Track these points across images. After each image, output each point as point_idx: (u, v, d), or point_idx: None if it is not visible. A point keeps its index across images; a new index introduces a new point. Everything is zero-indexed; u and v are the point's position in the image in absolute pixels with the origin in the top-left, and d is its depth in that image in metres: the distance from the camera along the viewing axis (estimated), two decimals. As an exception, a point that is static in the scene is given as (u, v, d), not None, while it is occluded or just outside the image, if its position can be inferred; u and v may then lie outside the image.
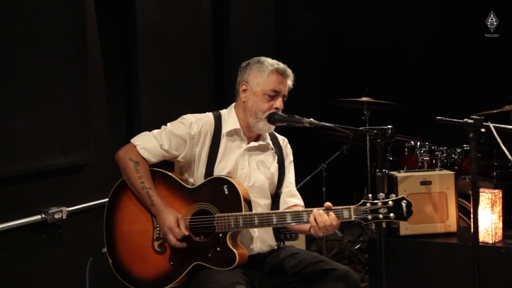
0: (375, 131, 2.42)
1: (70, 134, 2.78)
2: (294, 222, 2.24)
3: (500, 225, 2.98)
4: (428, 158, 3.90)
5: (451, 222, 3.12)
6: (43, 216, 2.62)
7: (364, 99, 4.25)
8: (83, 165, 2.93)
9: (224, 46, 4.16)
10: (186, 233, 2.27)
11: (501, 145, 2.05)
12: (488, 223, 2.92)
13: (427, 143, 4.03)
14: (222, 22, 4.14)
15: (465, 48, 5.47)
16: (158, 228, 2.35)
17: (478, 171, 3.94)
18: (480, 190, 3.04)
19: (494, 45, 5.25)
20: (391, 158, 4.22)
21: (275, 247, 2.53)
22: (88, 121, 2.91)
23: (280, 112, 2.39)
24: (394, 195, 2.16)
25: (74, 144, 2.81)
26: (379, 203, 2.14)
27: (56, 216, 2.68)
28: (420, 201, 3.05)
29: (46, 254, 2.70)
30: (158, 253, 2.34)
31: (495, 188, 3.86)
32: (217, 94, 4.12)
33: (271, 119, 2.37)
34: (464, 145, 4.02)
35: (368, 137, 4.24)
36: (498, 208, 2.95)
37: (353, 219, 2.16)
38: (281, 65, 2.44)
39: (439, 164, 3.86)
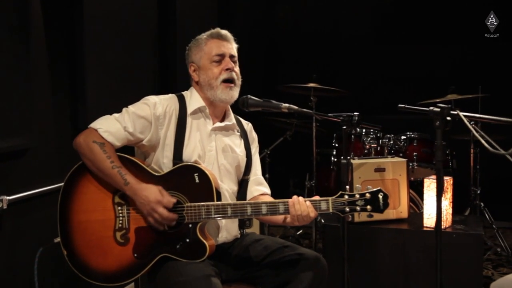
0: (341, 118, 2.42)
1: (11, 116, 2.55)
2: (270, 213, 2.18)
3: (451, 211, 3.10)
4: (375, 145, 3.98)
5: (402, 208, 3.20)
6: (-19, 206, 2.40)
7: (311, 85, 4.27)
8: (25, 150, 2.70)
9: (170, 26, 4.02)
10: (174, 200, 2.16)
11: (474, 132, 2.09)
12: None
13: (371, 130, 4.12)
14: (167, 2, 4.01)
15: (408, 39, 5.67)
16: (120, 217, 2.22)
17: (421, 159, 4.11)
18: (432, 177, 3.15)
19: (442, 38, 5.50)
20: (336, 145, 4.29)
21: (239, 236, 2.48)
22: (31, 102, 2.69)
23: (251, 97, 2.32)
24: (371, 187, 2.16)
25: (15, 127, 2.58)
26: (357, 195, 2.14)
27: (-4, 206, 2.47)
28: (373, 187, 3.10)
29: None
30: (120, 244, 2.21)
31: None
32: (162, 76, 3.99)
33: (244, 103, 2.30)
34: (408, 133, 4.15)
35: (314, 124, 4.28)
36: (449, 194, 3.06)
37: (331, 211, 2.15)
38: (214, 30, 2.43)
39: (386, 151, 3.96)
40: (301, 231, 4.85)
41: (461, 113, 2.20)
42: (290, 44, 5.93)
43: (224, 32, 2.42)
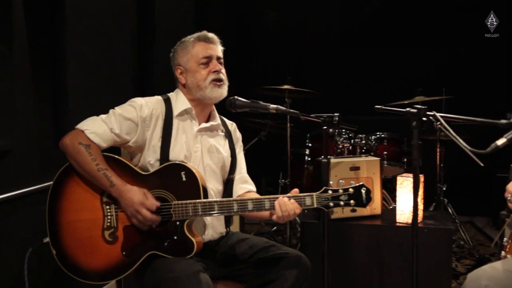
0: (322, 118, 2.42)
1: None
2: (255, 210, 2.17)
3: (422, 207, 3.14)
4: (348, 145, 4.02)
5: (376, 205, 3.23)
6: (-37, 209, 2.32)
7: (286, 87, 4.27)
8: (7, 152, 2.62)
9: (148, 31, 3.98)
10: (158, 203, 2.13)
11: (451, 132, 2.12)
12: (412, 205, 3.06)
13: (343, 130, 4.15)
14: (146, 6, 3.96)
15: (377, 43, 5.75)
16: (109, 216, 2.18)
17: (391, 157, 4.16)
18: (404, 175, 3.20)
19: (410, 42, 5.60)
20: (310, 145, 4.30)
21: (224, 234, 2.46)
22: (13, 104, 2.61)
23: (239, 97, 2.31)
24: (354, 182, 2.18)
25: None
26: (340, 191, 2.15)
27: (-21, 208, 2.39)
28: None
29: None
30: (109, 242, 2.17)
31: (404, 172, 4.09)
32: (141, 78, 3.93)
33: (231, 104, 2.28)
34: (378, 133, 4.20)
35: (288, 124, 4.29)
36: (421, 191, 3.10)
37: (315, 206, 2.15)
38: (201, 33, 2.40)
39: (358, 150, 4.00)
40: (275, 228, 4.87)
41: (437, 114, 2.23)
42: (265, 48, 5.96)
43: (211, 35, 2.39)
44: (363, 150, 4.10)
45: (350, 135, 4.10)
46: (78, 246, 2.17)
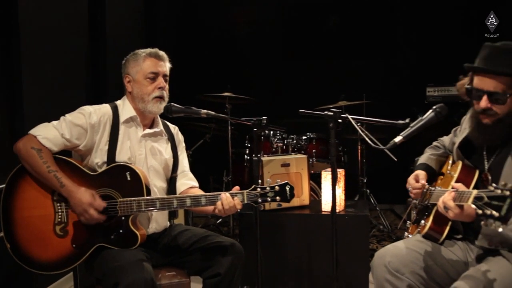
0: (252, 121, 2.48)
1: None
2: (193, 206, 2.21)
3: (343, 197, 3.26)
4: (281, 144, 4.11)
5: (304, 196, 3.33)
6: None
7: (226, 94, 4.32)
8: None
9: (100, 43, 3.93)
10: (105, 204, 2.13)
11: (360, 131, 2.22)
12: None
13: (278, 131, 4.24)
14: (97, 18, 3.91)
15: (307, 55, 5.88)
16: (60, 213, 2.17)
17: (319, 155, 4.27)
18: (328, 169, 3.30)
19: (334, 54, 5.73)
20: (249, 145, 4.37)
21: (167, 227, 2.49)
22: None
23: (175, 104, 2.34)
24: (280, 181, 2.24)
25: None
26: (267, 188, 2.20)
27: None
28: (281, 180, 3.19)
29: None
30: (59, 236, 2.16)
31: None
32: (94, 86, 3.88)
33: (168, 110, 2.31)
34: (308, 134, 4.31)
35: (229, 127, 4.34)
36: (342, 183, 3.22)
37: (246, 201, 2.20)
38: (153, 50, 2.41)
39: (290, 149, 4.09)
40: (220, 220, 4.90)
41: (349, 116, 2.32)
42: (208, 58, 5.98)
43: (162, 53, 2.41)
44: (295, 149, 4.20)
45: (284, 135, 4.19)
46: (31, 239, 2.15)
